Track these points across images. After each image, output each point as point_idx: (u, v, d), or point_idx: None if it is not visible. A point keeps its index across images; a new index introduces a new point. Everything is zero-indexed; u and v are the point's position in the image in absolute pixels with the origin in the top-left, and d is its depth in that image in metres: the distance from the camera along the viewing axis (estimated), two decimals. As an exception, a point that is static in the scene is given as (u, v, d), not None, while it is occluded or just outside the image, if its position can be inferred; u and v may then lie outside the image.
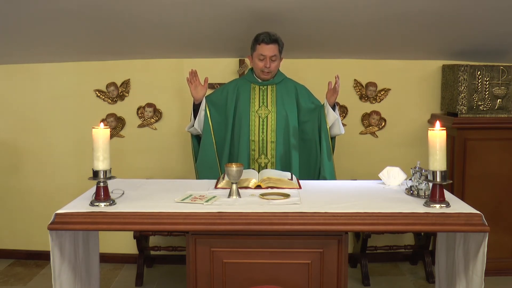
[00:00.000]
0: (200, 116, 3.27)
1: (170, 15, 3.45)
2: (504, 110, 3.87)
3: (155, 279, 3.96)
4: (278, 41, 3.23)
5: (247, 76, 3.43)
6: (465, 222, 2.24)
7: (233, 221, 2.26)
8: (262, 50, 3.21)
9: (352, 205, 2.37)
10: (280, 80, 3.37)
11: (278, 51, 3.24)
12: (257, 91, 3.35)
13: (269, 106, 3.32)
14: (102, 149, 2.34)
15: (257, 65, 3.26)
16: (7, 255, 4.29)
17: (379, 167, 2.91)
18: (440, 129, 2.32)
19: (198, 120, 3.28)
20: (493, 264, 3.58)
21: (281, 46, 3.25)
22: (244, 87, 3.37)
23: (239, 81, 3.46)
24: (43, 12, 3.33)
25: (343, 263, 2.34)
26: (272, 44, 3.20)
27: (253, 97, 3.33)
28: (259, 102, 3.33)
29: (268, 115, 3.31)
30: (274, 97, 3.33)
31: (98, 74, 4.13)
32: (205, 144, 3.29)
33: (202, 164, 3.31)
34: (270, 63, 3.23)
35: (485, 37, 3.77)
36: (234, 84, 3.43)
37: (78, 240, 2.55)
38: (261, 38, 3.20)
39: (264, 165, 3.30)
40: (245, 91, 3.35)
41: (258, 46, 3.22)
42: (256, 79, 3.35)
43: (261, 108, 3.31)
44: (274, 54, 3.22)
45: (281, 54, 3.28)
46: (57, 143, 4.20)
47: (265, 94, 3.33)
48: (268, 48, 3.20)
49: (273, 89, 3.35)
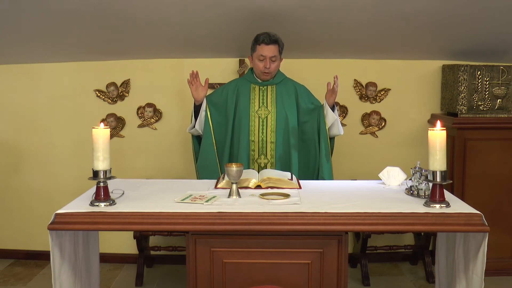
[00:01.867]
0: (201, 116, 3.27)
1: (170, 15, 3.45)
2: (504, 110, 3.87)
3: (155, 279, 3.96)
4: (278, 42, 3.23)
5: (247, 76, 3.42)
6: (465, 222, 2.24)
7: (233, 221, 2.26)
8: (262, 51, 3.20)
9: (352, 205, 2.37)
10: (280, 80, 3.37)
11: (278, 51, 3.23)
12: (257, 91, 3.34)
13: (269, 106, 3.32)
14: (102, 149, 2.34)
15: (257, 65, 3.26)
16: (7, 255, 4.29)
17: (379, 167, 2.91)
18: (440, 129, 2.32)
19: (199, 121, 3.28)
20: (493, 264, 3.58)
21: (281, 46, 3.25)
22: (244, 87, 3.36)
23: (239, 81, 3.46)
24: (43, 12, 3.33)
25: (343, 263, 2.34)
26: (272, 45, 3.20)
27: (253, 98, 3.33)
28: (259, 102, 3.33)
29: (268, 115, 3.31)
30: (274, 98, 3.33)
31: (98, 74, 4.13)
32: (206, 144, 3.29)
33: (202, 164, 3.31)
34: (270, 63, 3.23)
35: (485, 37, 3.77)
36: (234, 84, 3.43)
37: (78, 240, 2.55)
38: (261, 39, 3.20)
39: (264, 165, 3.30)
40: (245, 92, 3.35)
41: (258, 47, 3.21)
42: (256, 79, 3.35)
43: (261, 108, 3.31)
44: (274, 55, 3.22)
45: (281, 54, 3.28)
46: (57, 143, 4.20)
47: (265, 94, 3.33)
48: (268, 49, 3.20)
49: (273, 89, 3.35)
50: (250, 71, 3.40)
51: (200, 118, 3.27)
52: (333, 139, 3.38)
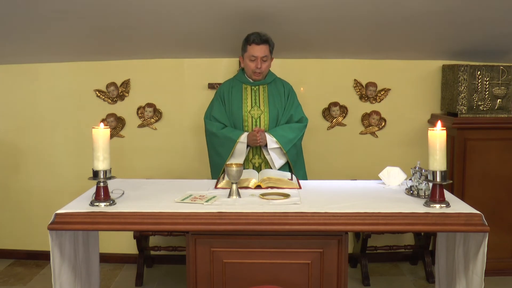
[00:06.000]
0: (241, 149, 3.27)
1: (170, 15, 3.45)
2: (504, 110, 3.87)
3: (155, 279, 3.96)
4: (269, 41, 3.23)
5: (238, 76, 3.42)
6: (465, 222, 2.25)
7: (233, 221, 2.26)
8: (253, 51, 3.20)
9: (352, 205, 2.37)
10: (271, 80, 3.37)
11: (269, 51, 3.24)
12: (249, 91, 3.35)
13: (262, 106, 3.33)
14: (102, 149, 2.34)
15: (249, 66, 3.26)
16: (7, 255, 4.29)
17: (379, 167, 2.91)
18: (440, 129, 2.32)
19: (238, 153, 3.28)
20: (493, 264, 3.58)
21: (271, 46, 3.25)
22: (237, 87, 3.37)
23: (232, 81, 3.44)
24: (43, 12, 3.33)
25: (343, 263, 2.34)
26: (263, 45, 3.20)
27: (245, 98, 3.33)
28: (251, 102, 3.33)
29: (260, 115, 3.32)
30: (266, 97, 3.34)
31: (98, 74, 4.13)
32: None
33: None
34: (261, 63, 3.23)
35: (485, 37, 3.77)
36: (228, 84, 3.43)
37: (78, 240, 2.55)
38: (252, 39, 3.19)
39: (258, 165, 3.30)
40: (237, 92, 3.35)
41: (249, 47, 3.21)
42: (247, 80, 3.35)
43: (253, 108, 3.32)
44: (265, 55, 3.22)
45: (272, 54, 3.28)
46: (57, 143, 4.20)
47: (257, 94, 3.34)
48: (259, 49, 3.20)
49: (264, 89, 3.36)
50: (242, 72, 3.40)
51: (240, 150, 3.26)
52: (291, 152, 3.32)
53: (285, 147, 3.22)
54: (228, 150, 3.22)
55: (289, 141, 3.24)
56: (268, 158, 3.26)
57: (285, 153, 3.23)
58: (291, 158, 3.28)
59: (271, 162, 3.26)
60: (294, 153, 3.30)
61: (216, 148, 3.31)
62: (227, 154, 3.23)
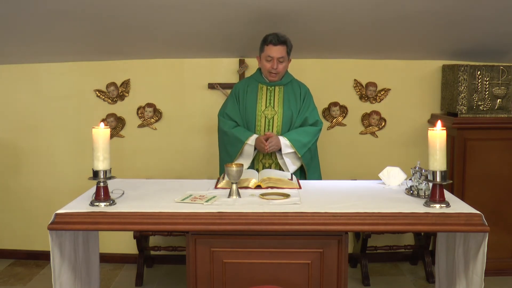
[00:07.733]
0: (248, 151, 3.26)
1: (170, 15, 3.45)
2: (504, 110, 3.87)
3: (155, 279, 3.96)
4: (287, 43, 3.21)
5: (255, 76, 3.41)
6: (465, 222, 2.24)
7: (233, 221, 2.26)
8: (269, 52, 3.19)
9: (352, 205, 2.37)
10: (288, 81, 3.35)
11: (286, 52, 3.21)
12: (264, 91, 3.34)
13: (276, 107, 3.31)
14: (102, 149, 2.34)
15: (265, 66, 3.24)
16: (7, 255, 4.29)
17: (379, 167, 2.91)
18: (440, 129, 2.32)
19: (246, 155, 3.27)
20: (493, 264, 3.58)
21: (289, 47, 3.23)
22: (252, 86, 3.36)
23: (248, 80, 3.43)
24: (43, 12, 3.33)
25: (343, 263, 2.34)
26: (280, 46, 3.18)
27: (260, 97, 3.32)
28: (266, 102, 3.32)
29: (274, 116, 3.30)
30: (281, 98, 3.32)
31: (98, 74, 4.13)
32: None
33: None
34: (277, 64, 3.21)
35: (485, 37, 3.77)
36: (244, 83, 3.42)
37: (78, 240, 2.55)
38: (269, 39, 3.18)
39: (268, 165, 3.29)
40: (253, 91, 3.34)
41: (266, 47, 3.20)
42: (264, 79, 3.34)
43: (267, 108, 3.30)
44: (281, 56, 3.20)
45: (289, 55, 3.26)
46: (57, 143, 4.20)
47: (273, 94, 3.32)
48: (275, 50, 3.18)
49: (280, 90, 3.33)
50: (259, 71, 3.39)
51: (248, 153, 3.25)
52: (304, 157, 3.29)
53: (300, 151, 3.19)
54: (237, 150, 3.22)
55: (303, 145, 3.21)
56: (281, 163, 3.24)
57: (300, 157, 3.21)
58: (306, 162, 3.25)
59: (284, 167, 3.23)
60: (308, 157, 3.28)
61: (226, 146, 3.30)
62: (235, 154, 3.22)
